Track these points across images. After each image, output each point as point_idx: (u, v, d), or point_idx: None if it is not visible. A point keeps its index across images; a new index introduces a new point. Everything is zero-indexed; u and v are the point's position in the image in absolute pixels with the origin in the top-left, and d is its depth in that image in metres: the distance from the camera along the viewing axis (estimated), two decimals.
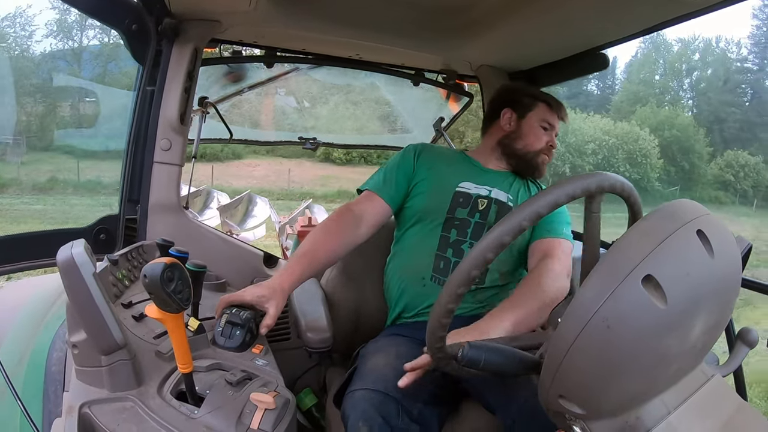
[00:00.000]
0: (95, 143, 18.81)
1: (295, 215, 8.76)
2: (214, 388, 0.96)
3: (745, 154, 40.64)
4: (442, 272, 1.59)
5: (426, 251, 1.62)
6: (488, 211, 1.63)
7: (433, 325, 0.89)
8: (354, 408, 1.26)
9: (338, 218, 1.57)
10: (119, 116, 15.23)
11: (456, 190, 1.66)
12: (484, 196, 1.66)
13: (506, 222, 0.78)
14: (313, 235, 1.53)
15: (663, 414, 0.71)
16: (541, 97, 1.77)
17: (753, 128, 44.59)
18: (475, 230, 1.61)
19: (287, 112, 2.82)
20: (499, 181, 1.71)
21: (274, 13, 1.67)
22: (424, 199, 1.67)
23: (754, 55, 47.47)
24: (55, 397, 1.18)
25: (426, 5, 1.69)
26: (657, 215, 0.70)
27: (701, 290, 0.67)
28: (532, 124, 1.74)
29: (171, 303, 0.85)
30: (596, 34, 1.81)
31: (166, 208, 1.72)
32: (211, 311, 1.33)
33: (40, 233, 1.61)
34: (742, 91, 46.63)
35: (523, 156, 1.74)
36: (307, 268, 1.45)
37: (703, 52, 51.14)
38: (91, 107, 20.20)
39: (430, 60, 2.28)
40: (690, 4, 1.43)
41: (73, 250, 0.86)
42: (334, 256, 1.54)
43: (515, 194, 1.70)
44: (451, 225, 1.63)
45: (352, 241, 1.57)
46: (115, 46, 26.96)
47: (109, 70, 25.67)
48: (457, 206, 1.64)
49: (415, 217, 1.67)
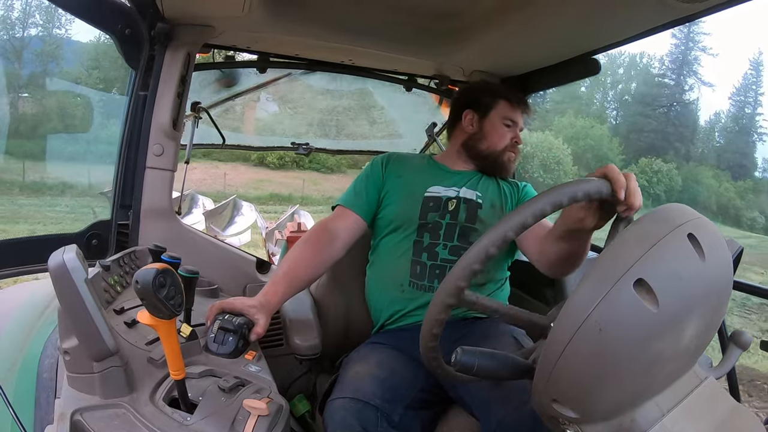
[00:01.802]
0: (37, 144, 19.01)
1: (282, 221, 8.76)
2: (206, 395, 0.95)
3: (659, 161, 44.22)
4: (419, 277, 1.60)
5: (402, 258, 1.64)
6: (458, 211, 1.64)
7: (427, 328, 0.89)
8: (332, 417, 1.27)
9: (314, 237, 1.61)
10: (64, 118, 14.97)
11: (425, 196, 1.68)
12: (453, 197, 1.67)
13: (511, 219, 0.80)
14: (292, 253, 1.57)
15: (657, 416, 0.71)
16: (501, 93, 1.78)
17: (668, 137, 48.86)
18: (447, 231, 1.62)
19: (279, 117, 2.81)
20: (466, 181, 1.73)
21: (268, 18, 1.67)
22: (396, 207, 1.68)
23: (671, 71, 51.98)
24: (46, 404, 1.17)
25: (419, 11, 1.70)
26: (649, 219, 0.71)
27: (693, 293, 0.68)
28: (494, 122, 1.75)
29: (163, 309, 0.84)
30: (588, 39, 1.82)
31: (159, 213, 1.71)
32: (203, 317, 1.32)
33: (31, 238, 1.60)
34: (659, 103, 50.71)
35: (488, 156, 1.75)
36: (289, 287, 1.49)
37: (627, 66, 55.45)
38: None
39: (423, 65, 2.28)
40: (678, 10, 1.44)
41: (65, 255, 0.86)
42: (315, 273, 1.59)
43: (484, 191, 1.71)
44: (424, 230, 1.64)
45: (329, 258, 1.60)
46: (56, 47, 27.04)
47: (50, 69, 25.80)
48: (428, 211, 1.65)
49: (389, 227, 1.69)
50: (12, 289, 1.96)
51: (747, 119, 53.33)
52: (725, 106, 56.45)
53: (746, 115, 53.30)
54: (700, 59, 51.95)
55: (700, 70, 52.14)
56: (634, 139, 49.54)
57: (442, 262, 1.59)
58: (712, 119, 55.40)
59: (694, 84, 52.27)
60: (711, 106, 70.72)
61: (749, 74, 53.17)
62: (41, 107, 23.62)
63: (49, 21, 30.61)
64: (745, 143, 52.41)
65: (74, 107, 23.74)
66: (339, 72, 2.33)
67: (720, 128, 54.65)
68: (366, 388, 1.32)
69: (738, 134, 52.63)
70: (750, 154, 52.61)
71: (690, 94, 52.29)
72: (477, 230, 1.63)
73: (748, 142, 52.71)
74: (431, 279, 1.58)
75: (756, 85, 52.94)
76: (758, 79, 52.77)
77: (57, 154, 19.74)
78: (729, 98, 54.01)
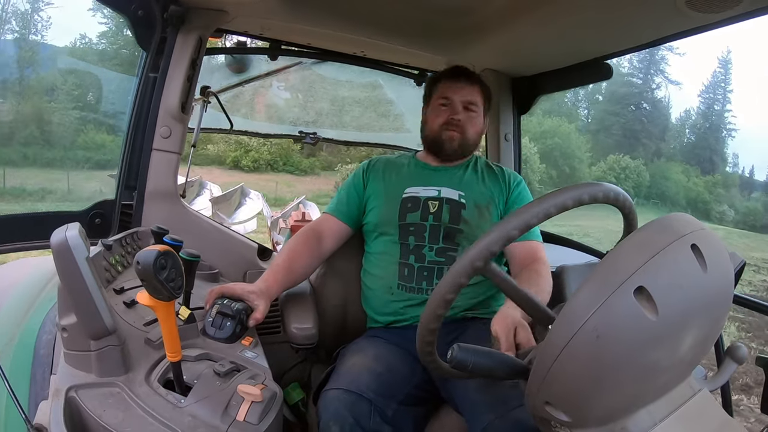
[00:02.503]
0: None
1: (288, 210, 8.78)
2: (201, 378, 0.96)
3: (626, 158, 46.35)
4: (408, 279, 1.60)
5: (390, 261, 1.64)
6: (441, 212, 1.63)
7: (424, 327, 0.89)
8: (326, 408, 1.27)
9: (302, 238, 1.66)
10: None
11: (403, 197, 1.68)
12: (434, 197, 1.66)
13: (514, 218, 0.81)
14: (289, 245, 1.62)
15: (649, 425, 0.71)
16: (439, 76, 1.77)
17: (636, 135, 51.08)
18: (432, 233, 1.62)
19: (289, 105, 2.81)
20: (448, 179, 1.71)
21: (281, 5, 1.66)
22: (377, 212, 1.70)
23: (639, 70, 53.76)
24: (42, 380, 1.18)
25: (432, 6, 1.69)
26: (652, 227, 0.71)
27: (693, 304, 0.68)
28: (433, 106, 1.75)
29: (163, 291, 0.84)
30: (601, 44, 1.81)
31: (163, 195, 1.72)
32: (203, 301, 1.33)
33: (35, 214, 1.61)
34: (627, 101, 52.37)
35: (431, 141, 1.75)
36: (286, 278, 1.54)
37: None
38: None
39: (434, 61, 2.27)
40: (694, 20, 1.43)
41: (68, 233, 0.86)
42: (307, 270, 1.65)
43: (468, 190, 1.68)
44: (406, 232, 1.64)
45: (319, 256, 1.68)
46: (32, 54, 27.27)
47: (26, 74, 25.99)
48: (407, 212, 1.65)
49: (375, 232, 1.71)
50: (14, 264, 1.96)
51: (716, 116, 55.12)
52: (695, 104, 58.69)
53: (715, 112, 55.20)
54: (668, 58, 54.03)
55: (667, 69, 54.31)
56: (603, 137, 50.74)
57: (429, 264, 1.59)
58: (682, 116, 57.51)
59: (661, 82, 54.34)
60: (682, 104, 73.73)
61: (718, 72, 55.17)
62: (17, 114, 23.72)
63: (25, 27, 30.91)
64: (714, 139, 54.30)
65: (50, 113, 24.01)
66: (350, 63, 2.33)
67: (690, 125, 56.50)
68: (361, 380, 1.32)
69: (708, 130, 54.52)
70: (719, 150, 54.66)
71: (657, 93, 54.48)
72: (462, 231, 1.61)
73: (717, 138, 54.62)
74: (419, 281, 1.58)
75: (725, 83, 55.00)
76: (726, 76, 54.87)
77: (34, 161, 20.20)
78: (698, 96, 56.08)
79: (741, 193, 53.08)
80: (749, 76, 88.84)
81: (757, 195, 52.09)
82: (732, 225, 43.99)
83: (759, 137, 73.74)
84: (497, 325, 1.15)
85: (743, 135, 69.22)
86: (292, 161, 29.89)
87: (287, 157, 29.98)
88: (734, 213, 47.62)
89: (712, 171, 51.39)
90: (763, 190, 52.62)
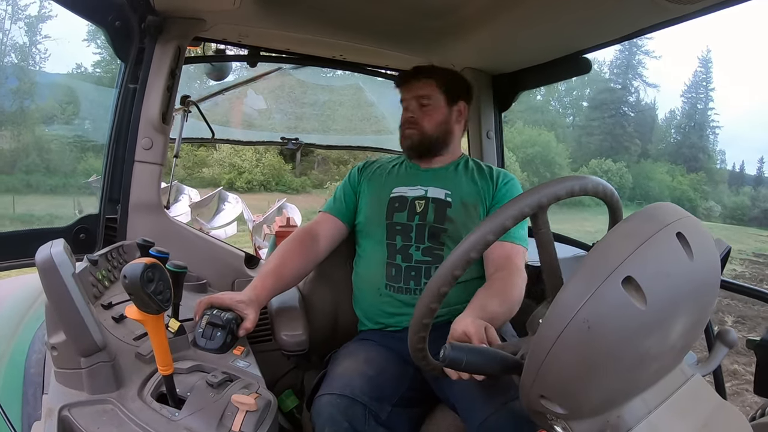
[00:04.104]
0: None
1: (270, 214, 8.71)
2: (195, 390, 0.95)
3: (608, 161, 46.76)
4: (395, 279, 1.60)
5: (377, 262, 1.64)
6: (426, 212, 1.63)
7: (415, 327, 0.89)
8: (320, 413, 1.27)
9: (298, 239, 1.65)
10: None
11: (391, 197, 1.68)
12: (421, 196, 1.66)
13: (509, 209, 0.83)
14: (280, 250, 1.61)
15: (644, 413, 0.72)
16: (396, 83, 1.80)
17: (617, 138, 52.10)
18: (418, 233, 1.61)
19: (269, 112, 2.80)
20: (436, 179, 1.71)
21: (259, 12, 1.66)
22: (366, 212, 1.71)
23: (617, 76, 55.03)
24: (34, 400, 1.16)
25: (410, 7, 1.70)
26: (637, 218, 0.71)
27: (681, 291, 0.68)
28: (402, 113, 1.77)
29: (151, 304, 0.84)
30: (579, 38, 1.83)
31: (147, 207, 1.70)
32: (192, 312, 1.32)
33: (18, 232, 1.59)
34: (607, 107, 53.60)
35: (401, 146, 1.77)
36: (277, 283, 1.52)
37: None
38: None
39: (414, 62, 2.26)
40: (670, 11, 1.45)
41: (53, 249, 0.85)
42: (300, 273, 1.62)
43: (455, 188, 1.67)
44: (393, 232, 1.64)
45: (314, 258, 1.66)
46: (31, 85, 28.20)
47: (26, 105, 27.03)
48: (394, 211, 1.65)
49: (364, 232, 1.71)
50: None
51: (700, 114, 56.16)
52: (675, 104, 60.13)
53: (699, 111, 56.14)
54: (644, 62, 54.84)
55: (644, 73, 55.18)
56: (585, 143, 51.95)
57: (416, 264, 1.59)
58: (667, 117, 58.70)
59: (639, 86, 55.33)
60: (661, 105, 74.88)
61: (699, 71, 56.00)
62: (19, 143, 24.79)
63: (24, 59, 32.03)
64: (698, 137, 55.41)
65: (50, 142, 25.05)
66: (329, 67, 2.33)
67: (675, 125, 57.65)
68: (354, 384, 1.32)
69: (693, 129, 55.66)
70: (705, 147, 55.72)
71: (636, 96, 55.61)
72: (446, 230, 1.60)
73: (701, 136, 55.75)
74: (407, 281, 1.58)
75: (706, 82, 55.89)
76: (708, 75, 55.78)
77: (38, 187, 21.06)
78: (681, 96, 56.99)
79: (729, 188, 54.14)
80: (733, 73, 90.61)
81: (745, 190, 53.19)
82: (720, 220, 45.11)
83: (746, 134, 75.48)
84: (468, 324, 1.14)
85: (732, 132, 71.11)
86: (284, 181, 30.82)
87: (279, 177, 30.93)
88: (721, 208, 48.56)
89: (697, 168, 52.41)
90: (752, 185, 53.67)
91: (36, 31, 32.45)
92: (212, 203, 9.90)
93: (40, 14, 32.57)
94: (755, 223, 44.39)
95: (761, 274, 14.95)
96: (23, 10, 32.40)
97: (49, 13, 32.71)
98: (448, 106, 1.73)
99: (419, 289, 1.55)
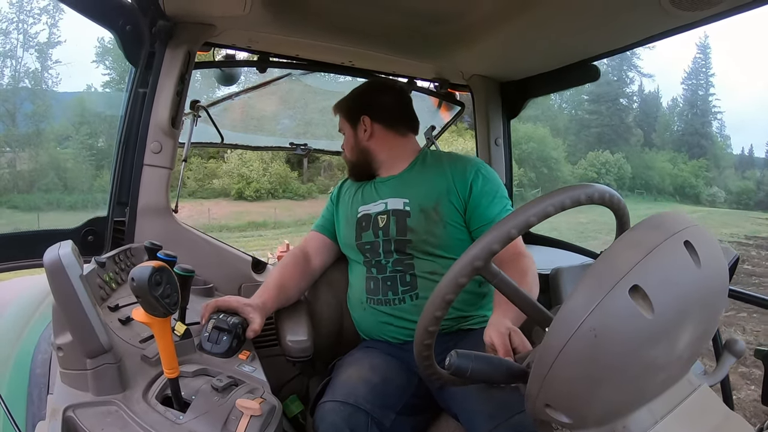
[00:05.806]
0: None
1: None
2: (199, 394, 0.95)
3: (606, 153, 48.78)
4: (374, 292, 1.60)
5: (358, 276, 1.67)
6: (388, 227, 1.61)
7: (422, 330, 0.89)
8: (323, 420, 1.28)
9: (292, 257, 1.72)
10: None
11: (357, 217, 1.69)
12: (382, 211, 1.65)
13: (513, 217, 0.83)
14: (276, 270, 1.66)
15: (650, 423, 0.71)
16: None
17: (615, 129, 53.37)
18: (385, 248, 1.60)
19: (278, 117, 2.81)
20: (394, 188, 1.68)
21: (268, 18, 1.67)
22: (341, 234, 1.76)
23: (612, 68, 55.62)
24: (39, 400, 1.17)
25: (419, 14, 1.70)
26: (645, 226, 0.71)
27: (688, 300, 0.68)
28: None
29: (158, 307, 0.84)
30: (588, 46, 1.83)
31: (155, 211, 1.71)
32: (198, 316, 1.32)
33: (27, 233, 1.60)
34: (605, 99, 54.60)
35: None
36: (280, 295, 1.57)
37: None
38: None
39: (423, 68, 2.28)
40: (679, 18, 1.45)
41: (61, 251, 0.86)
42: (299, 288, 1.69)
43: (413, 194, 1.62)
44: (364, 250, 1.65)
45: (310, 274, 1.74)
46: (46, 108, 29.95)
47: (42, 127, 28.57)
48: (362, 231, 1.66)
49: (344, 250, 1.76)
50: (7, 284, 1.94)
51: (701, 101, 56.78)
52: (673, 93, 61.90)
53: (700, 97, 56.86)
54: (638, 53, 55.72)
55: (639, 63, 56.39)
56: (584, 136, 52.84)
57: (390, 274, 1.58)
58: (670, 105, 59.47)
59: (634, 77, 56.66)
60: (668, 94, 76.15)
61: (698, 58, 56.99)
62: (36, 163, 26.16)
63: (38, 84, 33.66)
64: (701, 124, 56.11)
65: (65, 161, 26.40)
66: (339, 73, 2.33)
67: (678, 113, 58.35)
68: (358, 392, 1.32)
69: (695, 116, 56.43)
70: (707, 134, 56.41)
71: (633, 87, 57.06)
72: (410, 241, 1.57)
73: (703, 122, 56.42)
74: (385, 292, 1.57)
75: (706, 68, 56.95)
76: (707, 62, 56.78)
77: (58, 205, 22.27)
78: (682, 83, 58.01)
79: (735, 173, 54.37)
80: (739, 58, 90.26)
81: (751, 174, 53.50)
82: (726, 206, 45.41)
83: (755, 118, 75.35)
84: (492, 334, 1.14)
85: (740, 116, 71.26)
86: (291, 188, 32.11)
87: (286, 185, 32.13)
88: (725, 194, 48.72)
89: (700, 155, 52.86)
90: (760, 168, 54.01)
91: (47, 56, 34.14)
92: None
93: (50, 41, 34.41)
94: (761, 207, 44.46)
95: (746, 255, 14.81)
96: (34, 38, 34.09)
97: (58, 39, 34.75)
98: (353, 130, 1.76)
99: (398, 299, 1.55)
